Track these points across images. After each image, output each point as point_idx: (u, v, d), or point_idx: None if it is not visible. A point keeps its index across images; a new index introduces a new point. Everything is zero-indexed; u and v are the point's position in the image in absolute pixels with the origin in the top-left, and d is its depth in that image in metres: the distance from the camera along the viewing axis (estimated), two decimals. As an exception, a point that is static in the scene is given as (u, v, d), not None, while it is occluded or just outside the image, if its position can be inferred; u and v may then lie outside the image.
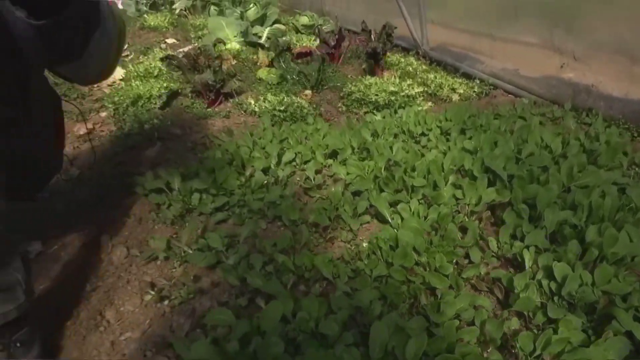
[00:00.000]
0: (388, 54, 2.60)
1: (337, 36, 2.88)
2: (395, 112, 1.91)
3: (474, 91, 2.24)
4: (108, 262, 1.07)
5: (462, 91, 2.23)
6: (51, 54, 0.73)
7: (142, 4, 5.32)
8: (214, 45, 2.90)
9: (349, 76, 2.58)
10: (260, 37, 3.47)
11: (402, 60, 2.75)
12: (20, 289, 0.80)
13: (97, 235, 1.23)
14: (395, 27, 2.46)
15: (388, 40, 2.43)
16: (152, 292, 0.91)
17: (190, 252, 1.00)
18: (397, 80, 2.21)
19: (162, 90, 2.20)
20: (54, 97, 1.01)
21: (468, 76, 2.44)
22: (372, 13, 3.75)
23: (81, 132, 1.90)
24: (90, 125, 2.05)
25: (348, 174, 1.28)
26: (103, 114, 2.29)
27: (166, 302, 0.89)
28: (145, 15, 4.72)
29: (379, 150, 1.38)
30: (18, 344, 0.81)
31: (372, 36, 2.47)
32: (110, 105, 2.29)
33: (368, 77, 2.32)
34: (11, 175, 0.76)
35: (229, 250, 1.01)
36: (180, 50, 3.55)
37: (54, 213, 1.31)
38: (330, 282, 0.91)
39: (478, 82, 2.34)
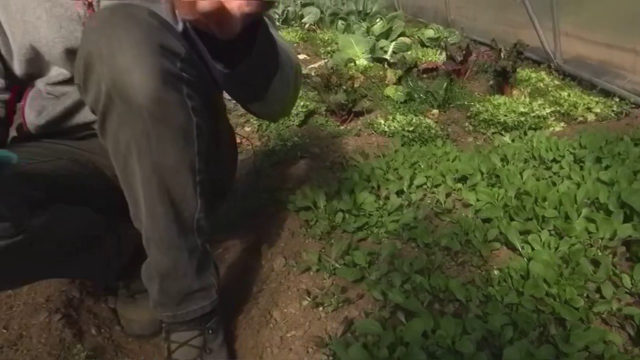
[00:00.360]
0: (518, 69, 2.59)
1: (464, 51, 2.93)
2: (525, 133, 1.93)
3: (613, 110, 2.15)
4: (269, 268, 1.28)
5: (598, 110, 2.16)
6: (237, 95, 0.92)
7: (275, 19, 5.75)
8: (345, 64, 3.10)
9: (476, 93, 2.62)
10: (385, 52, 3.62)
11: (533, 75, 2.71)
12: (213, 289, 1.02)
13: (256, 243, 1.46)
14: (527, 45, 2.44)
15: (518, 58, 2.43)
16: (309, 299, 1.09)
17: (339, 266, 1.17)
18: (527, 100, 2.21)
19: (300, 109, 2.44)
20: (229, 124, 1.25)
21: (606, 93, 2.34)
22: (501, 24, 3.70)
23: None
24: (237, 140, 2.35)
25: (478, 200, 1.37)
26: (247, 129, 2.60)
27: (320, 308, 1.07)
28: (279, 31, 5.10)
29: (509, 178, 1.44)
30: (210, 331, 1.04)
31: (502, 54, 2.49)
32: (255, 121, 2.59)
33: (496, 96, 2.35)
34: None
35: (371, 267, 1.16)
36: (311, 66, 3.82)
37: (216, 220, 1.58)
38: (463, 304, 1.02)
39: (617, 100, 2.24)
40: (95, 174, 1.08)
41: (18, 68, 0.98)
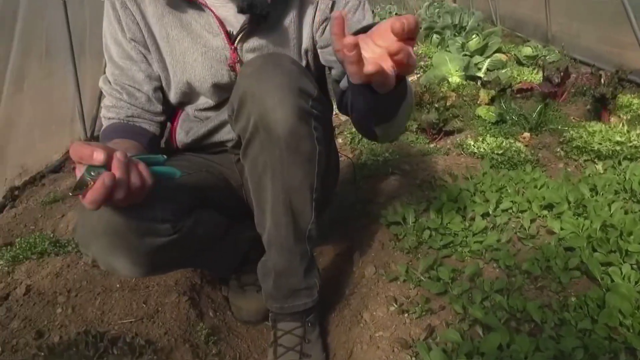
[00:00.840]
0: (618, 95, 2.54)
1: (562, 73, 2.90)
2: (619, 163, 1.93)
3: None
4: (360, 275, 1.45)
5: None
6: (368, 120, 1.06)
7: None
8: (438, 82, 3.19)
9: (572, 117, 2.60)
10: (480, 69, 3.65)
11: (635, 102, 2.63)
12: (315, 289, 1.21)
13: (349, 251, 1.63)
14: (630, 72, 2.40)
15: (619, 84, 2.39)
16: (395, 305, 1.24)
17: (424, 279, 1.31)
18: (625, 128, 2.18)
19: (393, 126, 2.58)
20: (336, 144, 1.43)
21: None
22: (605, 44, 3.58)
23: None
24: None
25: (562, 229, 1.44)
26: (340, 141, 2.79)
27: (406, 314, 1.22)
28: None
29: (596, 210, 1.49)
30: (309, 324, 1.23)
31: (602, 80, 2.46)
32: (348, 134, 2.77)
33: (592, 122, 2.33)
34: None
35: (454, 282, 1.28)
36: (404, 80, 3.93)
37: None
38: (538, 324, 1.12)
39: None
40: (224, 184, 1.31)
41: (173, 97, 1.23)
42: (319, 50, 1.19)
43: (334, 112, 1.31)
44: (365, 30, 0.82)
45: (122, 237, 0.93)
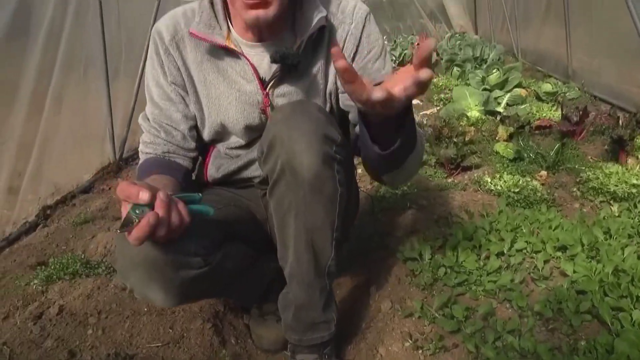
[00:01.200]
0: (636, 137, 2.57)
1: (580, 112, 2.95)
2: (635, 206, 1.96)
3: None
4: (377, 309, 1.50)
5: None
6: (377, 168, 1.15)
7: (392, 60, 6.04)
8: (457, 117, 3.26)
9: (589, 157, 2.64)
10: (499, 104, 3.71)
11: (653, 143, 2.66)
12: (333, 322, 1.27)
13: (366, 283, 1.68)
14: (648, 114, 2.44)
15: (637, 127, 2.43)
16: (410, 341, 1.29)
17: (438, 316, 1.36)
18: (642, 171, 2.21)
19: (411, 159, 2.64)
20: (356, 182, 1.51)
21: None
22: (626, 83, 3.61)
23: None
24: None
25: (575, 272, 1.48)
26: (359, 171, 2.85)
27: (420, 351, 1.26)
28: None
29: (608, 254, 1.53)
30: (326, 356, 1.28)
31: (620, 121, 2.50)
32: (367, 166, 2.83)
33: (609, 164, 2.37)
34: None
35: (467, 321, 1.33)
36: (424, 112, 4.01)
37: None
38: (548, 367, 1.16)
39: None
40: (250, 218, 1.39)
41: (207, 135, 1.32)
42: (339, 95, 1.27)
43: None
44: None
45: (158, 269, 1.01)
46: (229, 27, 1.20)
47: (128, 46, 3.47)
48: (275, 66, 1.20)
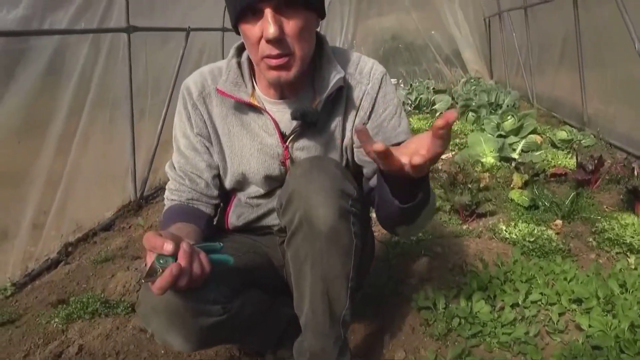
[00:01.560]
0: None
1: (595, 161, 2.96)
2: (652, 259, 1.95)
3: None
4: (390, 358, 1.51)
5: None
6: (392, 221, 1.19)
7: (408, 104, 6.15)
8: (472, 163, 3.29)
9: (604, 206, 2.64)
10: (514, 150, 3.74)
11: (669, 194, 2.66)
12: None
13: (380, 331, 1.69)
14: (662, 166, 2.45)
15: (652, 177, 2.44)
16: (423, 393, 1.30)
17: (452, 369, 1.36)
18: (658, 223, 2.21)
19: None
20: (372, 231, 1.54)
21: None
22: (640, 130, 3.62)
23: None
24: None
25: (590, 326, 1.47)
26: (373, 215, 2.88)
27: (433, 403, 1.27)
28: (409, 118, 5.46)
29: (624, 308, 1.52)
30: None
31: (635, 171, 2.51)
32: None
33: (625, 214, 2.36)
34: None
35: (481, 374, 1.33)
36: (439, 157, 4.04)
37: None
38: None
39: None
40: (268, 264, 1.43)
41: (228, 184, 1.38)
42: (355, 150, 1.33)
43: None
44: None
45: (178, 316, 1.05)
46: (253, 86, 1.28)
47: (154, 90, 3.61)
48: (295, 122, 1.26)
